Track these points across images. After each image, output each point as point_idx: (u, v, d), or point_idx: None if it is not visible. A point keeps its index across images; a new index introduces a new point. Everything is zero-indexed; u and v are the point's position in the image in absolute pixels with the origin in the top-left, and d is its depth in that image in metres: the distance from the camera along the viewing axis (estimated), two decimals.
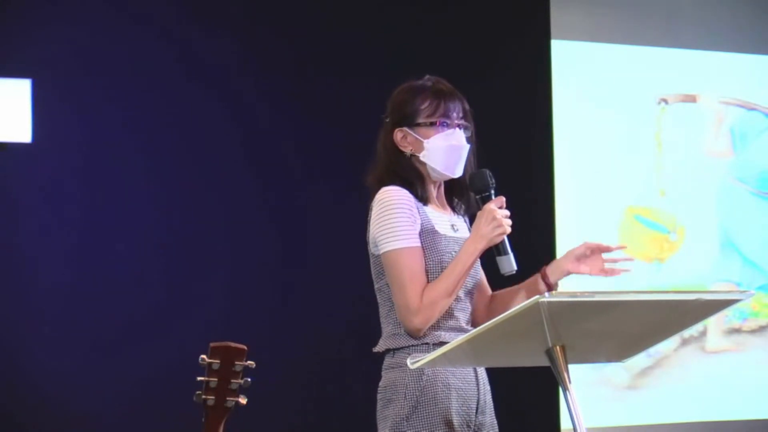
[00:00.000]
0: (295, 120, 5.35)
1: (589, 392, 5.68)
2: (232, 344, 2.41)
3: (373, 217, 3.04)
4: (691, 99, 6.13)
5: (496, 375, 3.20)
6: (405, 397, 2.96)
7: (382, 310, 3.08)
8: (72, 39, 4.98)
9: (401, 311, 2.98)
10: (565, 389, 2.44)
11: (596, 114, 5.93)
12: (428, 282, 2.99)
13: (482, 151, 6.15)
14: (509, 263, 3.04)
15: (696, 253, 6.06)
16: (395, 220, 2.99)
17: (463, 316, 3.06)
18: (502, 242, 3.01)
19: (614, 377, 5.86)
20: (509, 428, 5.62)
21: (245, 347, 2.41)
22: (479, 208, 3.05)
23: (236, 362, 2.38)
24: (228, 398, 2.40)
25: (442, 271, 3.00)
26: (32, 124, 4.82)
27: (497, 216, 2.98)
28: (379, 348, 3.06)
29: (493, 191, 3.03)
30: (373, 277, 3.09)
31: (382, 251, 3.01)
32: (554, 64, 5.84)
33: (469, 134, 3.14)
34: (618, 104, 5.97)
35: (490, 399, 3.10)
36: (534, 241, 5.76)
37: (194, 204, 5.14)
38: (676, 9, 6.12)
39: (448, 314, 3.01)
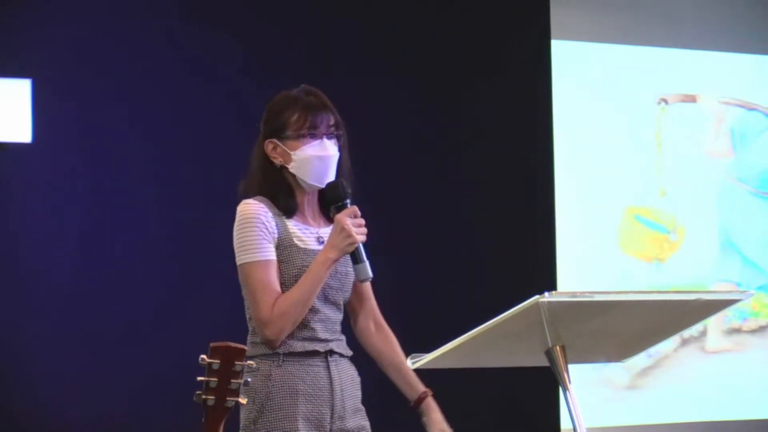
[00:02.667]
0: None
1: (589, 392, 5.68)
2: (232, 344, 2.41)
3: (234, 229, 3.13)
4: (691, 99, 6.13)
5: (496, 375, 3.20)
6: (254, 401, 3.06)
7: (246, 317, 3.18)
8: (72, 39, 4.98)
9: (255, 323, 3.09)
10: (565, 389, 2.44)
11: (596, 114, 5.93)
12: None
13: (482, 150, 6.18)
14: (364, 271, 3.11)
15: (696, 253, 6.07)
16: (249, 234, 3.07)
17: (322, 327, 3.12)
18: (356, 251, 3.07)
19: (614, 377, 5.86)
20: (509, 428, 5.64)
21: (245, 347, 2.41)
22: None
23: (236, 362, 2.38)
24: (228, 398, 2.40)
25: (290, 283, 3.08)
26: (32, 124, 4.82)
27: (346, 226, 3.04)
28: None
29: (348, 201, 3.09)
30: (240, 285, 3.18)
31: (238, 264, 3.11)
32: (554, 64, 5.84)
33: (341, 143, 3.20)
34: (618, 104, 5.97)
35: (357, 403, 3.18)
36: (534, 241, 5.78)
37: (194, 204, 5.14)
38: (676, 9, 6.12)
39: (303, 325, 3.08)
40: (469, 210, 5.65)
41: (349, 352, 3.19)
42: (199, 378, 2.39)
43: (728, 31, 6.20)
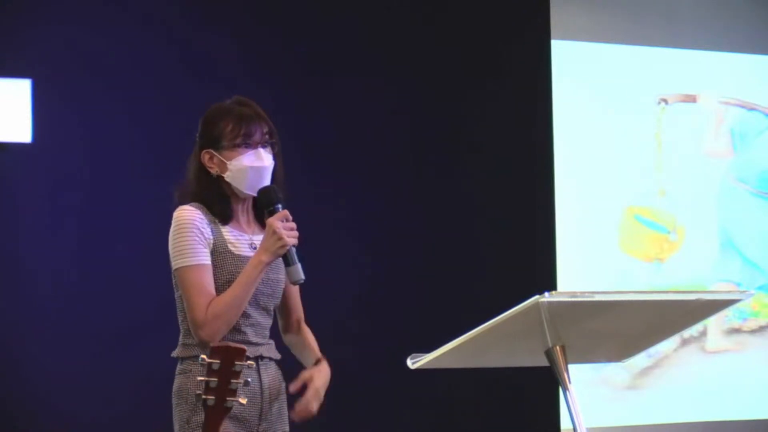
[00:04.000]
0: (296, 120, 5.35)
1: (589, 392, 5.68)
2: (232, 344, 2.42)
3: (169, 234, 3.24)
4: (691, 99, 6.13)
5: (496, 375, 3.20)
6: (186, 401, 3.17)
7: (179, 319, 3.28)
8: (72, 39, 4.98)
9: (191, 324, 3.16)
10: (565, 389, 2.44)
11: (596, 114, 5.93)
12: None
13: (482, 150, 6.18)
14: (296, 273, 3.17)
15: (696, 253, 6.06)
16: (184, 239, 3.18)
17: (253, 332, 3.18)
18: (288, 253, 3.14)
19: (614, 377, 5.86)
20: (509, 428, 5.64)
21: (245, 347, 2.42)
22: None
23: (236, 362, 2.39)
24: (228, 398, 2.40)
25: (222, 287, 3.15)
26: (32, 124, 4.82)
27: (278, 230, 3.10)
28: (174, 353, 3.30)
29: (279, 205, 3.16)
30: (174, 288, 3.28)
31: (173, 268, 3.21)
32: (554, 64, 5.84)
33: (275, 152, 3.27)
34: (618, 104, 5.97)
35: (282, 407, 3.24)
36: (534, 240, 5.77)
37: None
38: (676, 9, 6.12)
39: (235, 329, 3.14)
40: (469, 210, 5.65)
41: (278, 356, 3.26)
42: (199, 378, 2.40)
43: (728, 31, 6.20)
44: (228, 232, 3.19)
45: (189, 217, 3.18)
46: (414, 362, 2.53)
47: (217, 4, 5.28)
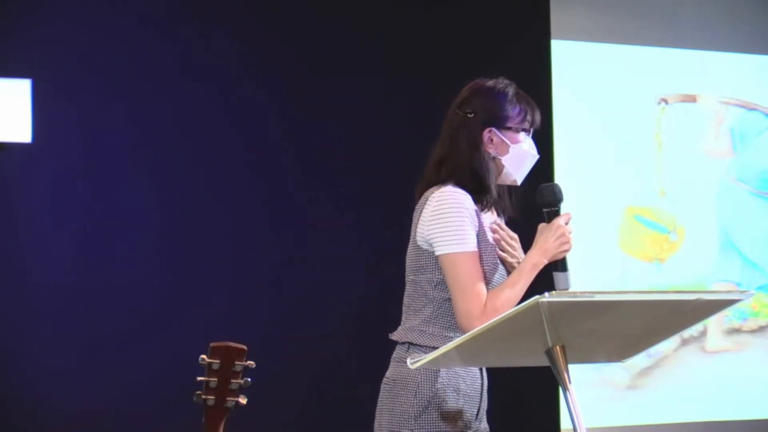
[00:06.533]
0: (296, 120, 5.36)
1: (589, 392, 5.68)
2: (232, 344, 2.41)
3: (431, 213, 3.02)
4: (691, 99, 6.13)
5: (496, 375, 3.20)
6: (416, 395, 2.97)
7: (414, 303, 3.06)
8: (72, 39, 4.98)
9: (462, 315, 2.96)
10: (565, 389, 2.43)
11: (596, 114, 5.93)
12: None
13: None
14: (566, 280, 3.01)
15: (696, 253, 6.07)
16: (458, 222, 2.98)
17: None
18: (563, 258, 3.02)
19: (614, 377, 5.87)
20: (509, 428, 5.63)
21: (245, 347, 2.41)
22: (546, 221, 3.09)
23: (236, 362, 2.39)
24: (228, 398, 2.40)
25: (484, 278, 2.99)
26: (32, 124, 4.82)
27: (566, 233, 3.01)
28: (398, 337, 3.07)
29: (560, 206, 3.06)
30: (413, 268, 3.07)
31: (441, 252, 2.99)
32: (554, 64, 5.84)
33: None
34: (618, 104, 5.98)
35: (485, 406, 3.14)
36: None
37: (194, 204, 5.15)
38: (676, 9, 6.12)
39: (456, 327, 3.01)
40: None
41: None
42: (199, 378, 2.39)
43: (728, 31, 6.20)
44: (486, 219, 3.06)
45: (462, 200, 2.99)
46: (414, 362, 2.53)
47: (217, 4, 5.28)
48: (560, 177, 5.82)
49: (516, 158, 3.08)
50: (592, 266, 5.86)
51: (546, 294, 2.27)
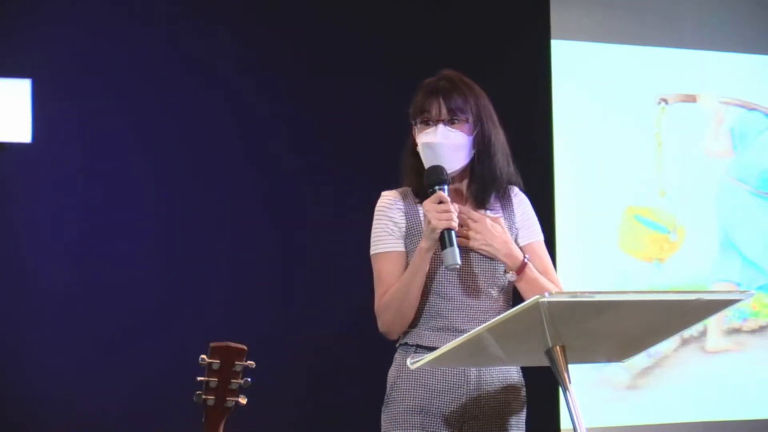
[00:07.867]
0: (296, 120, 5.35)
1: (589, 392, 5.68)
2: (232, 344, 2.41)
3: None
4: (691, 99, 6.13)
5: None
6: (387, 388, 3.11)
7: None
8: (72, 39, 4.98)
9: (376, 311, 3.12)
10: (565, 389, 2.44)
11: (596, 114, 5.93)
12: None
13: None
14: (447, 257, 2.94)
15: (696, 253, 6.06)
16: (375, 225, 3.13)
17: (459, 317, 3.04)
18: (442, 237, 2.95)
19: (614, 377, 5.86)
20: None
21: (245, 347, 2.41)
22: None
23: (236, 362, 2.38)
24: (228, 398, 2.40)
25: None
26: (32, 124, 4.82)
27: (427, 213, 2.98)
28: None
29: (440, 187, 3.00)
30: None
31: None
32: (554, 64, 5.84)
33: (476, 128, 3.16)
34: (618, 104, 5.97)
35: (501, 406, 3.13)
36: None
37: (194, 204, 5.14)
38: (676, 9, 6.12)
39: (435, 314, 3.05)
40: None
41: None
42: (199, 378, 2.39)
43: (728, 31, 6.20)
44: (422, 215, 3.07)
45: (381, 204, 3.16)
46: (414, 362, 2.53)
47: (217, 4, 5.28)
48: (560, 177, 5.82)
49: (422, 151, 3.10)
50: (592, 266, 5.86)
51: (546, 294, 2.27)
